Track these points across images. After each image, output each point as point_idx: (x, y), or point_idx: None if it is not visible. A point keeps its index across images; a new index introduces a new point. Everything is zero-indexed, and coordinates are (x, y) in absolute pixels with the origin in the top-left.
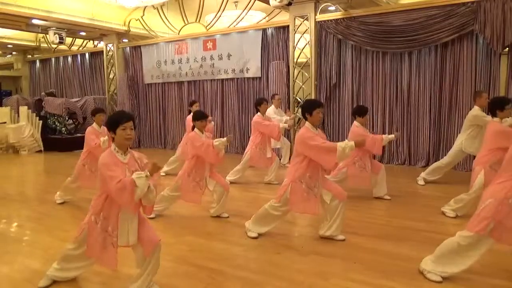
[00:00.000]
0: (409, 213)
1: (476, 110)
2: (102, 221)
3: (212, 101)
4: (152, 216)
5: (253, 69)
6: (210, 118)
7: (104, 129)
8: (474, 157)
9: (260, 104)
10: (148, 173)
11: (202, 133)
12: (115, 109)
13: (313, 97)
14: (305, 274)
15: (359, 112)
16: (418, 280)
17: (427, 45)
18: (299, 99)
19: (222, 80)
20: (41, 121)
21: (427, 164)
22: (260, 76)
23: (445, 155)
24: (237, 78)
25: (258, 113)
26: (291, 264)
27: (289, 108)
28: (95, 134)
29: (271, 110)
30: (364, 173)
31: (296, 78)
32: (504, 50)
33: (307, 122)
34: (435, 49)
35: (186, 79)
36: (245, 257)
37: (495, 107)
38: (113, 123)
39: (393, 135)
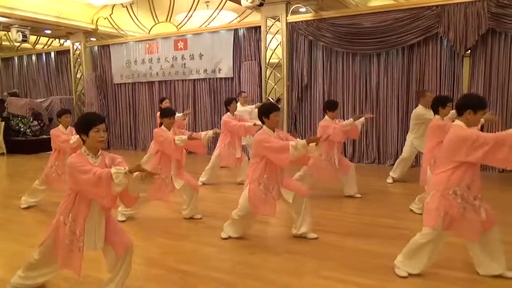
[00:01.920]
0: (379, 211)
1: (418, 109)
2: (70, 223)
3: (184, 102)
4: (122, 219)
5: (225, 69)
6: (179, 114)
7: (71, 130)
8: None
9: (229, 103)
10: (127, 170)
11: (169, 130)
12: (83, 110)
13: (284, 97)
14: (278, 273)
15: (330, 106)
16: (389, 275)
17: (395, 46)
18: (271, 99)
19: (194, 80)
20: (3, 123)
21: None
22: (232, 76)
23: None
24: (209, 78)
25: (228, 112)
26: (265, 264)
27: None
28: (61, 135)
29: (238, 107)
30: (329, 167)
31: (268, 79)
32: (467, 53)
33: (264, 126)
34: (402, 51)
35: (157, 79)
36: (218, 258)
37: (437, 104)
38: (85, 125)
39: (351, 120)
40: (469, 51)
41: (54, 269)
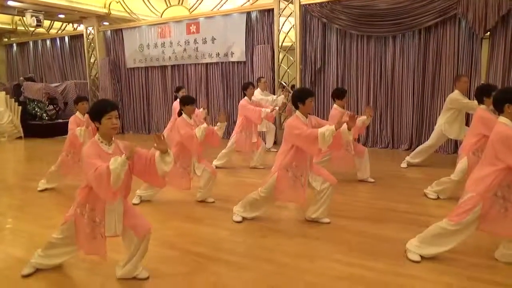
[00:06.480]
0: (392, 195)
1: (455, 94)
2: (88, 213)
3: (197, 86)
4: (136, 201)
5: (238, 53)
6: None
7: (87, 117)
8: (456, 140)
9: (246, 88)
10: (125, 157)
11: (190, 118)
12: (97, 94)
13: (297, 81)
14: (291, 256)
15: (338, 94)
16: (401, 260)
17: (411, 29)
18: (284, 83)
19: (206, 64)
20: (20, 107)
21: (410, 147)
22: (245, 60)
23: (427, 138)
24: (222, 62)
25: (245, 97)
26: (277, 247)
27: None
28: (77, 123)
29: (257, 93)
30: (347, 156)
31: (281, 62)
32: (486, 34)
33: (297, 111)
34: (418, 33)
35: (170, 63)
36: (231, 241)
37: (483, 93)
38: (97, 113)
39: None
40: (489, 32)
41: (73, 249)
